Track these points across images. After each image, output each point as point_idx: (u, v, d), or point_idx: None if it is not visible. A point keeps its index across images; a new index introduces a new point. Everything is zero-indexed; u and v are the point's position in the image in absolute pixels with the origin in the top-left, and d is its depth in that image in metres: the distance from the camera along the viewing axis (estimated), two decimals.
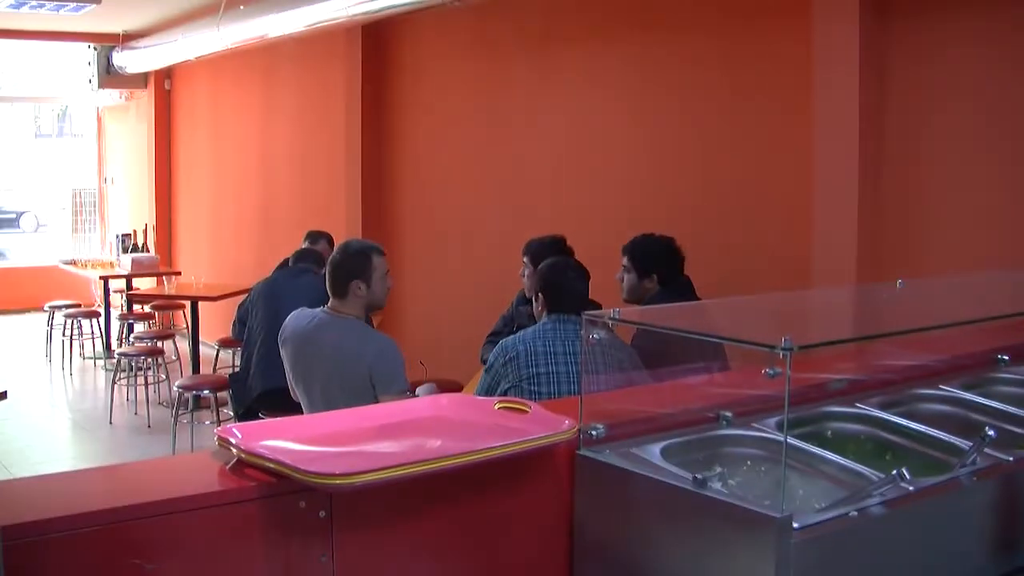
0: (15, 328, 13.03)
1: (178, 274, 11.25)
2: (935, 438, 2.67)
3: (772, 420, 2.65)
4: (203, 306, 9.25)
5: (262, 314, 6.04)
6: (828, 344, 2.60)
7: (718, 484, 2.23)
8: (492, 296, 6.54)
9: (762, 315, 3.10)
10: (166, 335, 9.93)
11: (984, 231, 4.61)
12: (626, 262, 4.74)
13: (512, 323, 5.35)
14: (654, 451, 2.40)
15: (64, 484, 2.24)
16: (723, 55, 5.75)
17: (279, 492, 2.08)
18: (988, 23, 4.57)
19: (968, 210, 4.66)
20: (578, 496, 2.46)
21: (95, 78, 12.50)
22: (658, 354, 3.31)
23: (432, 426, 2.50)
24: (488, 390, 4.05)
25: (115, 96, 13.54)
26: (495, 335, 5.35)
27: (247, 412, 5.89)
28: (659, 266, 4.70)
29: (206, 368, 9.32)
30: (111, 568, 1.93)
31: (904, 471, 2.22)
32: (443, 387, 4.73)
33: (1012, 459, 2.50)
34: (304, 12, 7.57)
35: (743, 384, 2.88)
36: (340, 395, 4.24)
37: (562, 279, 4.17)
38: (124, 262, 11.18)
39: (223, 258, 11.67)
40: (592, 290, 4.29)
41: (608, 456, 2.40)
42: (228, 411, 7.00)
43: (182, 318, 11.06)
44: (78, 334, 11.12)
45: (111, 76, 12.48)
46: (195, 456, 4.29)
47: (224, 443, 2.21)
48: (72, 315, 10.93)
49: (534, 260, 5.10)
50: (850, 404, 2.90)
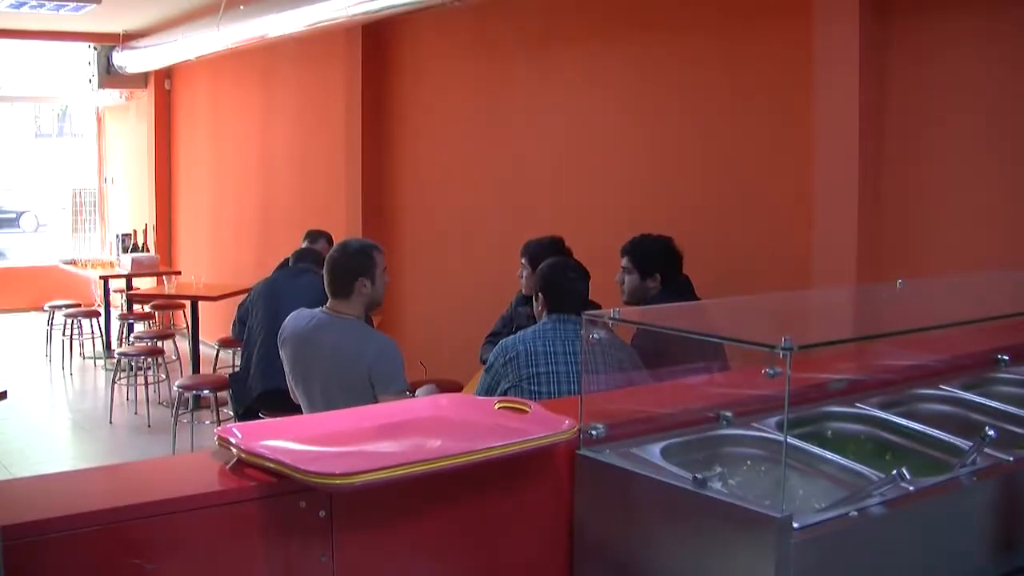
0: (15, 328, 13.02)
1: (178, 274, 11.25)
2: (935, 438, 2.67)
3: (772, 420, 2.65)
4: (203, 306, 9.25)
5: (262, 314, 6.04)
6: (828, 344, 2.60)
7: (718, 484, 2.23)
8: (492, 296, 6.54)
9: (762, 315, 3.10)
10: (166, 335, 9.93)
11: (984, 231, 4.61)
12: (626, 263, 4.72)
13: (511, 323, 5.34)
14: (654, 451, 2.40)
15: (64, 484, 2.24)
16: (723, 55, 5.75)
17: (279, 492, 2.08)
18: (988, 23, 4.57)
19: (968, 210, 4.66)
20: (578, 496, 2.46)
21: (95, 78, 12.50)
22: (658, 354, 3.30)
23: (432, 426, 2.50)
24: (488, 390, 4.05)
25: (115, 96, 13.54)
26: (494, 335, 5.35)
27: (247, 412, 5.89)
28: (661, 266, 4.69)
29: (206, 368, 9.32)
30: (111, 568, 1.93)
31: (904, 471, 2.22)
32: (443, 387, 4.72)
33: (1012, 459, 2.50)
34: (304, 12, 7.57)
35: (743, 384, 2.88)
36: (340, 395, 4.23)
37: (562, 279, 4.17)
38: (124, 262, 11.18)
39: (223, 258, 11.67)
40: (592, 290, 4.28)
41: (608, 456, 2.40)
42: (228, 411, 7.00)
43: (182, 318, 11.06)
44: (78, 334, 11.13)
45: (111, 76, 12.48)
46: (195, 456, 4.29)
47: (224, 443, 2.21)
48: (72, 315, 10.94)
49: (532, 261, 5.10)
50: (850, 404, 2.90)
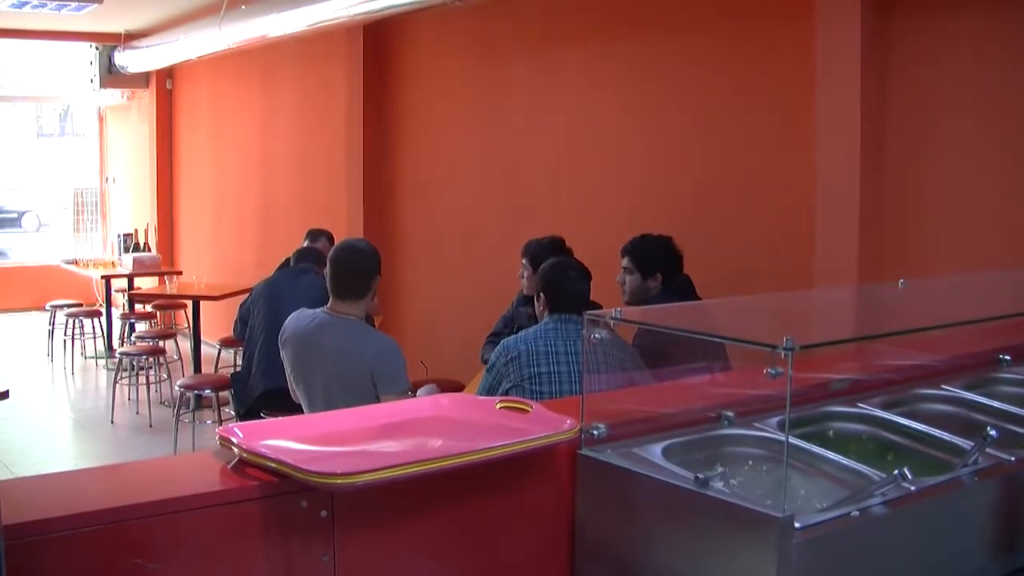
0: (17, 327, 13.03)
1: (179, 273, 11.25)
2: (937, 438, 2.67)
3: (774, 420, 2.64)
4: (204, 305, 9.26)
5: (263, 314, 6.04)
6: (830, 344, 2.60)
7: (720, 484, 2.22)
8: (492, 296, 6.54)
9: (764, 315, 3.10)
10: (167, 334, 9.93)
11: (985, 231, 4.61)
12: (627, 263, 4.72)
13: (512, 323, 5.34)
14: (656, 451, 2.40)
15: (66, 484, 2.24)
16: (724, 55, 5.75)
17: (280, 492, 2.08)
18: (990, 24, 4.57)
19: (970, 210, 4.65)
20: (579, 496, 2.46)
21: (97, 78, 12.50)
22: (660, 354, 3.30)
23: (433, 426, 2.50)
24: (490, 390, 4.04)
25: (117, 96, 13.55)
26: (495, 335, 5.35)
27: (248, 412, 5.89)
28: (662, 265, 4.68)
29: (207, 367, 9.31)
30: (112, 568, 1.93)
31: (906, 471, 2.22)
32: (445, 387, 4.72)
33: (1014, 459, 2.50)
34: (305, 12, 7.57)
35: (745, 384, 2.88)
36: (341, 395, 4.21)
37: (564, 279, 4.16)
38: (126, 261, 11.19)
39: (224, 257, 11.68)
40: (592, 291, 4.28)
41: (609, 456, 2.40)
42: (229, 411, 7.00)
43: (183, 317, 11.07)
44: (80, 333, 11.13)
45: (113, 76, 12.48)
46: (196, 456, 4.28)
47: (226, 442, 2.21)
48: (74, 314, 10.94)
49: (533, 261, 5.10)
50: (852, 404, 2.90)
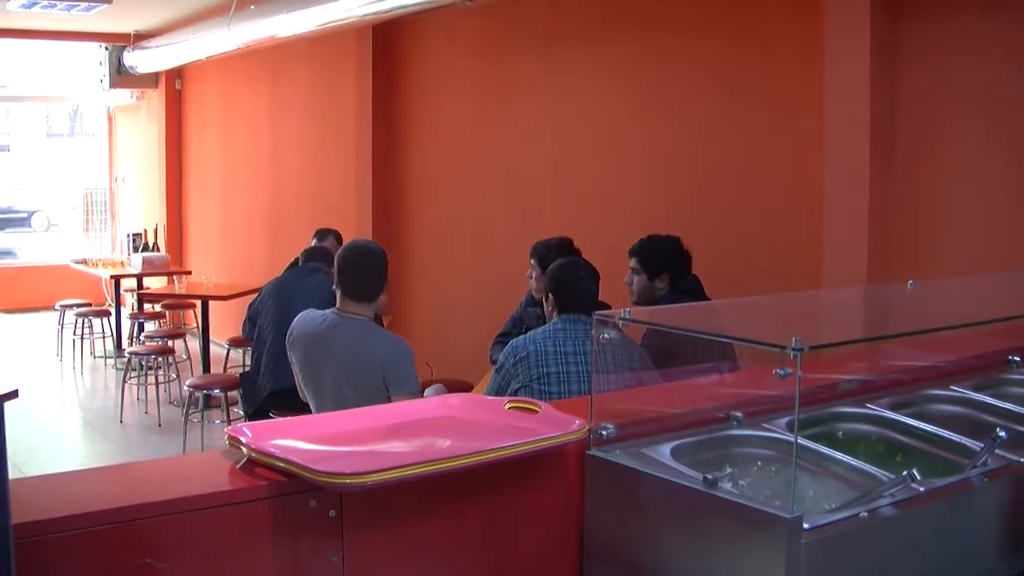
0: (26, 327, 13.06)
1: (188, 273, 11.26)
2: (946, 439, 2.67)
3: (783, 420, 2.64)
4: (213, 305, 9.27)
5: (272, 314, 6.04)
6: (839, 345, 2.60)
7: (728, 484, 2.22)
8: (501, 297, 6.53)
9: (772, 315, 3.10)
10: (176, 334, 9.94)
11: (994, 232, 4.59)
12: (635, 264, 4.71)
13: (521, 324, 5.34)
14: (664, 451, 2.40)
15: (75, 483, 2.24)
16: (732, 56, 5.74)
17: (289, 491, 2.08)
18: (999, 25, 4.55)
19: (979, 211, 4.64)
20: (588, 496, 2.46)
21: (106, 78, 12.53)
22: (668, 354, 3.30)
23: (442, 426, 2.50)
24: (498, 390, 4.04)
25: (126, 96, 13.57)
26: (504, 336, 5.34)
27: (257, 411, 5.89)
28: (669, 266, 4.67)
29: (216, 367, 9.32)
30: (121, 567, 1.93)
31: (915, 472, 2.22)
32: (453, 387, 4.73)
33: (1023, 460, 2.50)
34: (315, 12, 7.58)
35: (753, 384, 2.88)
36: (352, 396, 4.19)
37: (572, 279, 4.15)
38: (135, 261, 11.20)
39: (233, 257, 11.69)
40: (600, 292, 4.27)
41: (618, 456, 2.40)
42: (238, 410, 7.01)
43: (192, 317, 11.07)
44: (89, 333, 11.15)
45: (122, 76, 12.50)
46: (205, 455, 4.29)
47: (235, 442, 2.21)
48: (83, 314, 10.95)
49: (541, 262, 5.09)
50: (860, 405, 2.89)
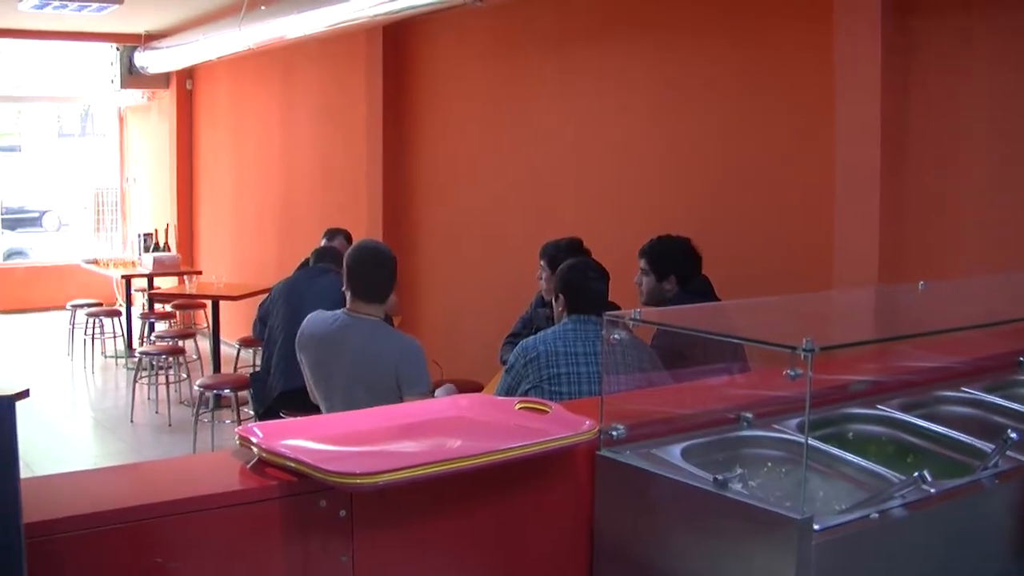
0: (37, 326, 13.09)
1: (199, 273, 11.27)
2: (956, 440, 2.66)
3: (793, 421, 2.64)
4: (224, 305, 9.28)
5: (283, 314, 6.04)
6: (849, 346, 2.60)
7: (739, 485, 2.22)
8: (511, 297, 6.53)
9: (783, 316, 3.09)
10: (187, 334, 9.94)
11: (1007, 233, 4.58)
12: (644, 265, 4.71)
13: (531, 324, 5.33)
14: (674, 452, 2.40)
15: (85, 482, 2.25)
16: (744, 57, 5.73)
17: (299, 491, 2.09)
18: (1011, 26, 4.54)
19: (991, 212, 4.63)
20: (598, 496, 2.46)
21: (117, 78, 12.55)
22: (678, 355, 3.30)
23: (453, 426, 2.50)
24: (509, 391, 4.03)
25: (137, 96, 13.60)
26: (514, 336, 5.34)
27: (267, 411, 5.89)
28: (677, 267, 4.67)
29: (227, 367, 9.32)
30: (132, 566, 1.94)
31: (925, 473, 2.21)
32: (464, 388, 4.72)
33: None
34: (325, 12, 7.58)
35: (764, 385, 2.88)
36: (363, 397, 4.17)
37: (583, 279, 4.14)
38: (145, 261, 11.22)
39: (244, 257, 11.71)
40: (612, 293, 4.27)
41: (628, 457, 2.40)
42: (248, 410, 7.01)
43: (203, 317, 11.08)
44: (100, 333, 11.18)
45: (133, 76, 12.53)
46: (216, 455, 4.29)
47: (245, 442, 2.21)
48: (94, 314, 10.98)
49: (551, 263, 5.08)
50: (871, 406, 2.89)
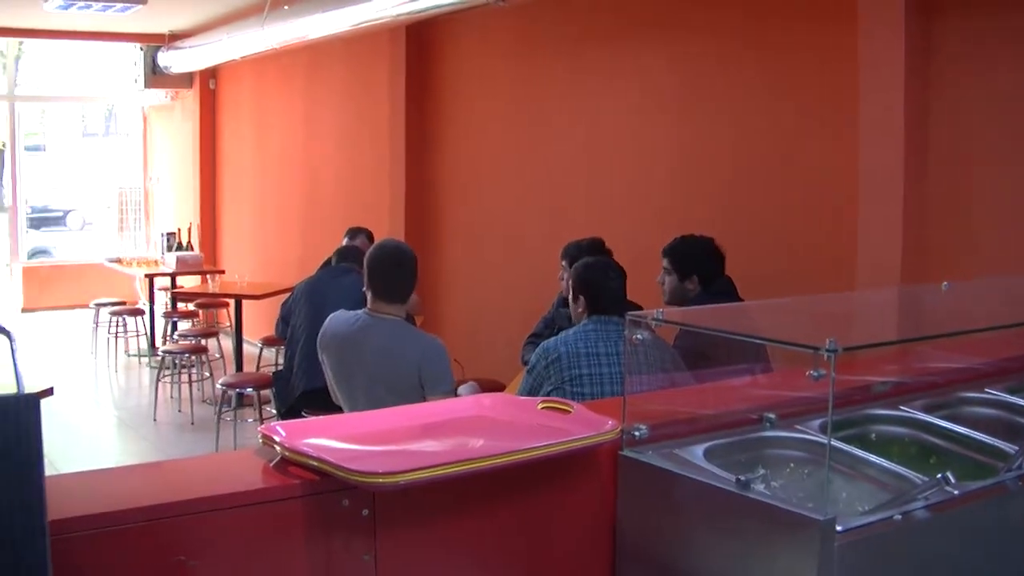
0: (61, 325, 13.15)
1: (222, 272, 11.32)
2: (980, 442, 2.65)
3: (816, 422, 2.63)
4: (247, 304, 9.30)
5: (305, 313, 6.06)
6: (872, 346, 2.59)
7: (761, 486, 2.22)
8: (533, 297, 6.53)
9: (806, 316, 3.09)
10: (210, 333, 9.98)
11: None
12: (666, 264, 4.71)
13: (553, 325, 5.33)
14: (697, 452, 2.40)
15: (109, 481, 2.26)
16: (764, 56, 5.71)
17: (322, 490, 2.09)
18: None
19: (1015, 213, 4.60)
20: (621, 497, 2.46)
21: (141, 78, 12.62)
22: (701, 355, 3.29)
23: (475, 426, 2.50)
24: (530, 392, 4.01)
25: (161, 95, 13.66)
26: (536, 336, 5.34)
27: (290, 411, 5.91)
28: (700, 267, 4.66)
29: (249, 366, 9.35)
30: (155, 564, 1.94)
31: (949, 475, 2.20)
32: (486, 387, 4.72)
33: None
34: (349, 12, 7.60)
35: (786, 386, 2.87)
36: (386, 396, 4.16)
37: (603, 279, 4.13)
38: (169, 260, 11.26)
39: (267, 257, 11.74)
40: (633, 292, 4.26)
41: (651, 457, 2.39)
42: (271, 409, 7.03)
43: (226, 316, 11.13)
44: (123, 331, 11.24)
45: (157, 76, 12.59)
46: (239, 453, 4.31)
47: (268, 441, 2.22)
48: (117, 312, 11.04)
49: (572, 263, 5.08)
50: (894, 407, 2.88)
